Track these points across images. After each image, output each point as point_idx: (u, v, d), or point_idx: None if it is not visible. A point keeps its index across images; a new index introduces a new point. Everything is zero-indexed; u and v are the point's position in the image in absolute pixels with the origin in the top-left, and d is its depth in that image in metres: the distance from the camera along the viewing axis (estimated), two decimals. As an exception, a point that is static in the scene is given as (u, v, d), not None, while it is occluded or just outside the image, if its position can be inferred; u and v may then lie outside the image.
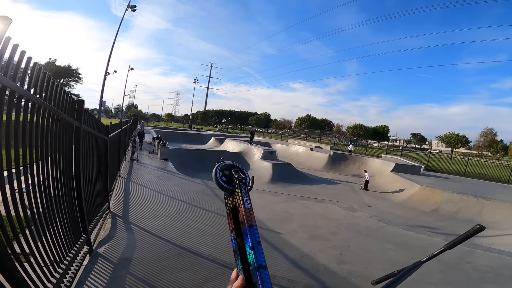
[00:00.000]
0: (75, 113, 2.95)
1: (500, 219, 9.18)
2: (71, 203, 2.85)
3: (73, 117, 2.89)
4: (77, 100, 3.02)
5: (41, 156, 2.08)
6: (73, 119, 2.87)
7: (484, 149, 59.48)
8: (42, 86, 1.96)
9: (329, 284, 3.24)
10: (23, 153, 1.81)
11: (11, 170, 1.65)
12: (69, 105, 2.69)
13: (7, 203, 1.57)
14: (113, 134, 6.30)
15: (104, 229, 4.25)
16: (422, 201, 11.58)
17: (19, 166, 1.71)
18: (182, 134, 30.10)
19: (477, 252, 4.60)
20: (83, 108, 3.07)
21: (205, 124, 73.06)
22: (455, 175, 19.08)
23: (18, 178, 1.71)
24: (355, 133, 57.90)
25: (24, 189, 1.84)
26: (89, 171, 3.71)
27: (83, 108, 3.07)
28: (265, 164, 15.25)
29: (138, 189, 6.95)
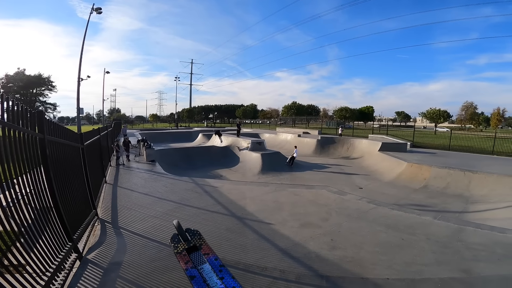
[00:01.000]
0: (35, 125, 2.83)
1: (488, 192, 9.35)
2: (47, 215, 2.84)
3: (34, 129, 2.75)
4: (36, 111, 2.86)
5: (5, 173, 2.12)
6: (34, 131, 2.73)
7: (466, 122, 61.30)
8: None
9: (322, 271, 3.21)
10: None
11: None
12: (27, 117, 2.60)
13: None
14: (90, 141, 6.09)
15: (93, 236, 4.23)
16: (411, 179, 11.81)
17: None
18: (169, 134, 29.60)
19: (468, 229, 4.61)
20: (43, 119, 2.95)
21: (192, 121, 72.07)
22: (441, 149, 19.53)
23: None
24: (342, 116, 58.56)
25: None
26: (63, 182, 3.60)
27: (43, 119, 2.95)
28: (254, 155, 15.19)
29: (126, 193, 6.79)
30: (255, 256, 3.62)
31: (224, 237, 4.23)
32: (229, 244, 3.99)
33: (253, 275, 3.12)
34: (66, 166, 3.89)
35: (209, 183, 8.07)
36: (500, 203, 8.15)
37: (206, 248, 2.49)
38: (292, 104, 67.16)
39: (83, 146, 5.24)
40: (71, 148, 4.37)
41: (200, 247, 2.50)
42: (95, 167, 6.61)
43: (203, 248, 2.49)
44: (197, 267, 2.27)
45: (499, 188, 9.21)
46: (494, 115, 57.53)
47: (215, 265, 2.29)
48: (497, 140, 17.72)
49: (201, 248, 2.49)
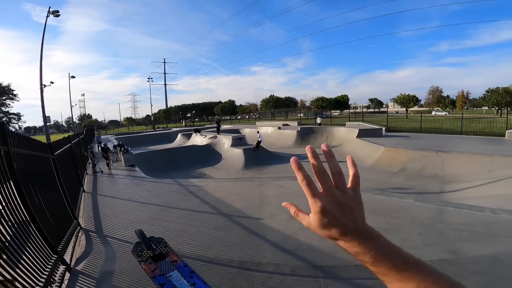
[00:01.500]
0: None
1: (461, 171, 9.77)
2: (25, 229, 2.71)
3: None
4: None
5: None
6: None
7: (434, 105, 64.71)
8: None
9: (316, 261, 3.24)
10: None
11: None
12: None
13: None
14: (61, 150, 5.74)
15: (79, 246, 4.07)
16: (389, 163, 12.24)
17: None
18: (147, 136, 28.72)
19: (448, 210, 4.82)
20: (5, 130, 2.68)
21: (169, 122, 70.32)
22: (413, 132, 20.45)
23: None
24: (319, 105, 59.64)
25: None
26: (37, 194, 3.38)
27: (5, 130, 2.68)
28: (236, 151, 15.08)
29: (107, 201, 6.50)
30: (248, 252, 3.59)
31: (214, 236, 4.16)
32: (220, 242, 3.93)
33: (248, 272, 3.09)
34: (38, 178, 3.65)
35: (193, 183, 7.91)
36: (474, 182, 8.64)
37: (173, 256, 2.37)
38: (270, 98, 67.37)
39: (53, 156, 4.93)
40: (41, 159, 4.09)
41: (166, 255, 2.37)
42: (70, 176, 6.26)
43: (170, 256, 2.37)
44: (166, 275, 2.15)
45: (471, 166, 9.75)
46: (459, 98, 61.15)
47: (185, 272, 2.18)
48: (464, 121, 18.83)
49: (168, 255, 2.37)
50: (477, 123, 19.55)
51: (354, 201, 0.48)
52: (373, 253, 0.46)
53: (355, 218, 0.47)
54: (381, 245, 0.47)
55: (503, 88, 43.96)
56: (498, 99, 43.11)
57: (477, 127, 18.49)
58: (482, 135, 17.16)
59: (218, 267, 3.21)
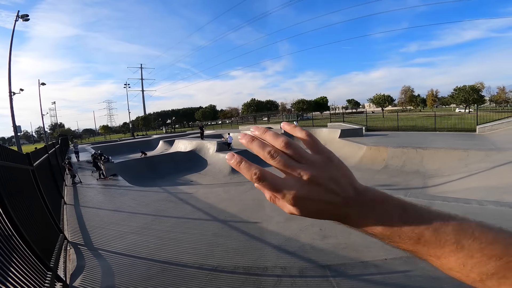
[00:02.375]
0: None
1: (440, 166, 10.25)
2: (14, 245, 2.49)
3: None
4: None
5: None
6: None
7: (407, 104, 67.92)
8: None
9: (321, 261, 3.23)
10: None
11: None
12: None
13: None
14: (39, 161, 5.36)
15: (70, 261, 3.79)
16: (372, 161, 12.62)
17: None
18: (126, 145, 27.68)
19: (437, 203, 5.00)
20: None
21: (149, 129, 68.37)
22: (391, 130, 21.27)
23: None
24: (299, 108, 60.66)
25: None
26: (21, 207, 3.15)
27: None
28: (222, 156, 14.90)
29: (92, 212, 6.15)
30: (252, 257, 3.50)
31: (213, 243, 4.03)
32: (221, 249, 3.81)
33: (256, 277, 3.00)
34: (19, 190, 3.36)
35: (182, 190, 7.68)
36: (454, 175, 9.09)
37: None
38: (251, 101, 67.59)
39: (33, 168, 4.59)
40: (20, 171, 3.79)
41: None
42: (50, 188, 5.87)
43: None
44: None
45: (449, 161, 10.27)
46: (429, 96, 64.68)
47: None
48: (437, 118, 19.87)
49: None
50: (449, 120, 20.72)
51: (328, 166, 0.36)
52: (381, 223, 0.36)
53: (341, 187, 0.36)
54: (387, 212, 0.36)
55: (470, 86, 47.04)
56: (465, 96, 46.01)
57: (449, 124, 19.58)
58: (454, 131, 18.17)
59: (224, 274, 3.09)
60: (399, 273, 2.91)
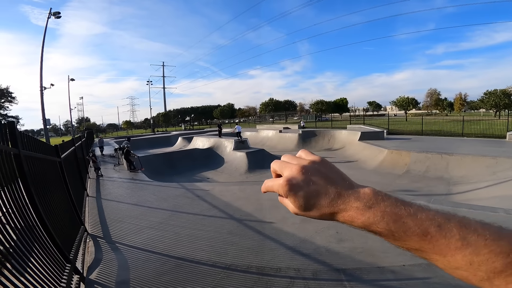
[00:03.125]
0: (7, 139, 2.43)
1: (466, 172, 9.74)
2: (38, 236, 2.55)
3: (6, 144, 2.38)
4: (6, 122, 2.47)
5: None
6: (7, 146, 2.37)
7: (432, 108, 65.07)
8: None
9: (336, 265, 3.15)
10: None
11: None
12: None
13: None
14: (66, 153, 5.62)
15: (88, 254, 3.89)
16: (393, 165, 12.20)
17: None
18: (146, 140, 28.50)
19: (462, 211, 4.76)
20: (15, 132, 2.54)
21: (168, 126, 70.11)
22: (414, 134, 20.45)
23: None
24: (318, 109, 59.80)
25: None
26: (47, 198, 3.27)
27: (15, 132, 2.54)
28: (239, 155, 14.97)
29: (112, 205, 6.36)
30: (265, 257, 3.49)
31: (228, 242, 4.05)
32: (235, 248, 3.83)
33: (269, 278, 2.98)
34: (48, 181, 3.53)
35: (199, 187, 7.79)
36: (480, 183, 8.60)
37: None
38: (269, 101, 67.50)
39: (60, 160, 4.82)
40: (49, 162, 3.98)
41: None
42: (74, 180, 6.13)
43: None
44: None
45: (476, 168, 9.72)
46: (457, 100, 61.62)
47: None
48: (465, 123, 18.88)
49: None
50: (477, 125, 19.62)
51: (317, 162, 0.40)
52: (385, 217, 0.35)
53: (330, 179, 0.38)
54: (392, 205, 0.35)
55: (501, 90, 44.33)
56: (496, 101, 43.42)
57: (477, 129, 18.54)
58: (483, 137, 17.20)
59: (237, 273, 3.10)
60: (417, 280, 2.79)
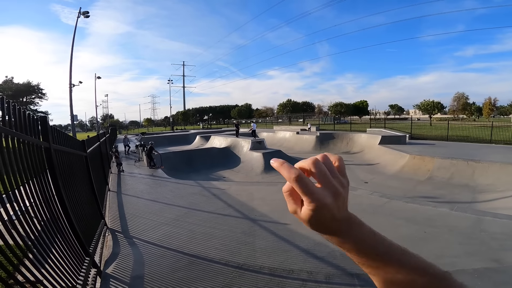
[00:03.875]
0: (39, 133, 2.56)
1: (493, 181, 9.29)
2: (61, 228, 2.61)
3: (38, 138, 2.51)
4: (39, 116, 2.60)
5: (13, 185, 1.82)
6: (39, 140, 2.51)
7: (459, 113, 61.92)
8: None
9: (350, 269, 3.09)
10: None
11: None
12: (29, 124, 2.25)
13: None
14: (91, 148, 5.90)
15: (106, 247, 4.03)
16: (415, 171, 11.77)
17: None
18: (166, 137, 29.30)
19: (487, 219, 4.56)
20: (47, 126, 2.67)
21: (187, 124, 71.60)
22: (439, 140, 19.58)
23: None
24: (337, 111, 58.69)
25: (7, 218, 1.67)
26: (73, 191, 3.43)
27: (47, 126, 2.67)
28: (256, 155, 15.03)
29: (132, 200, 6.60)
30: (278, 258, 3.49)
31: (241, 241, 4.09)
32: (248, 247, 3.86)
33: (280, 279, 2.99)
34: (74, 175, 3.72)
35: (215, 186, 7.91)
36: (508, 192, 8.12)
37: None
38: (287, 102, 67.17)
39: (86, 154, 5.06)
40: (76, 156, 4.20)
41: None
42: (98, 175, 6.42)
43: None
44: None
45: (504, 176, 9.18)
46: (486, 105, 58.26)
47: None
48: (494, 129, 17.85)
49: None
50: (507, 131, 18.50)
51: (346, 188, 0.43)
52: (357, 241, 0.42)
53: (345, 206, 0.42)
54: (365, 233, 0.42)
55: (535, 95, 41.43)
56: (529, 106, 40.68)
57: (507, 136, 17.48)
58: (512, 144, 16.20)
59: (249, 273, 3.13)
60: None
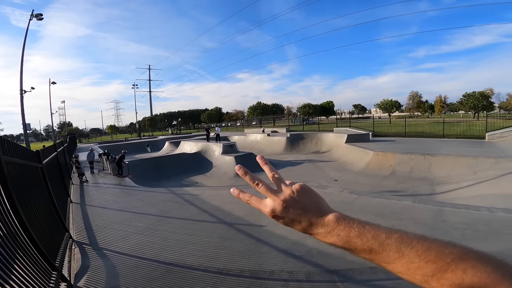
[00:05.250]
0: None
1: (448, 173, 10.11)
2: (20, 243, 2.43)
3: None
4: None
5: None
6: None
7: (414, 110, 67.17)
8: None
9: (329, 266, 3.16)
10: None
11: None
12: None
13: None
14: (48, 159, 5.41)
15: (75, 260, 3.77)
16: (379, 167, 12.47)
17: None
18: (132, 145, 27.92)
19: (446, 210, 4.91)
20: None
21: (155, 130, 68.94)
22: (398, 136, 21.03)
23: None
24: (305, 112, 60.53)
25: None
26: (29, 205, 3.14)
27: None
28: (228, 158, 14.91)
29: (98, 211, 6.17)
30: (258, 261, 3.46)
31: (219, 246, 4.00)
32: (226, 252, 3.78)
33: (262, 281, 2.96)
34: (29, 187, 3.38)
35: (188, 192, 7.68)
36: (462, 183, 8.93)
37: None
38: (257, 105, 67.73)
39: (42, 165, 4.64)
40: (31, 168, 3.83)
41: None
42: (57, 186, 5.91)
43: None
44: None
45: (457, 168, 10.09)
46: (437, 102, 63.85)
47: None
48: (445, 125, 19.61)
49: None
50: (457, 126, 20.43)
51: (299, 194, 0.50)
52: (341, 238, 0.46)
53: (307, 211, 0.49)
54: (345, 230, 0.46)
55: (479, 92, 46.38)
56: (474, 103, 45.37)
57: (457, 130, 19.30)
58: (463, 138, 17.91)
59: (230, 278, 3.06)
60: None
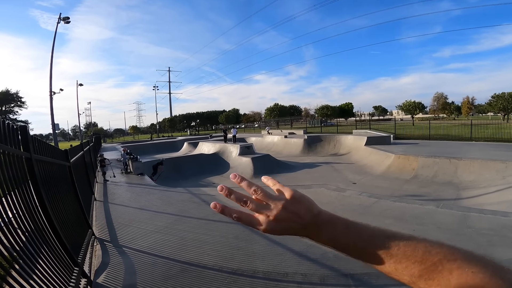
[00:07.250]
0: (19, 143, 2.44)
1: (475, 177, 9.63)
2: (47, 239, 2.51)
3: (18, 148, 2.40)
4: (18, 126, 2.47)
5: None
6: (19, 150, 2.39)
7: (439, 112, 64.25)
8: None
9: (344, 270, 3.11)
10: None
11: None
12: (9, 134, 2.09)
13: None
14: (75, 158, 5.72)
15: (95, 257, 3.91)
16: (401, 170, 12.07)
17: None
18: (153, 145, 28.83)
19: (472, 215, 4.68)
20: (28, 136, 2.54)
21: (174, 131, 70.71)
22: (421, 139, 20.20)
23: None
24: (323, 114, 59.67)
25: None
26: (57, 201, 3.31)
27: (28, 136, 2.54)
28: (245, 160, 15.02)
29: (119, 209, 6.42)
30: (272, 262, 3.46)
31: (234, 246, 4.04)
32: (241, 252, 3.81)
33: (275, 283, 2.96)
34: (58, 185, 3.59)
35: (205, 192, 7.81)
36: (490, 188, 8.45)
37: None
38: (275, 106, 67.66)
39: (70, 164, 4.91)
40: (59, 166, 4.06)
41: None
42: (83, 184, 6.22)
43: None
44: None
45: (485, 172, 9.56)
46: (465, 104, 60.74)
47: None
48: (473, 127, 18.61)
49: None
50: (486, 129, 19.33)
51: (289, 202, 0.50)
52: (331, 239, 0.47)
53: (300, 216, 0.49)
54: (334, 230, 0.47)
55: (509, 93, 43.62)
56: (504, 104, 42.74)
57: (486, 133, 18.26)
58: (491, 141, 16.93)
59: (243, 278, 3.08)
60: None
